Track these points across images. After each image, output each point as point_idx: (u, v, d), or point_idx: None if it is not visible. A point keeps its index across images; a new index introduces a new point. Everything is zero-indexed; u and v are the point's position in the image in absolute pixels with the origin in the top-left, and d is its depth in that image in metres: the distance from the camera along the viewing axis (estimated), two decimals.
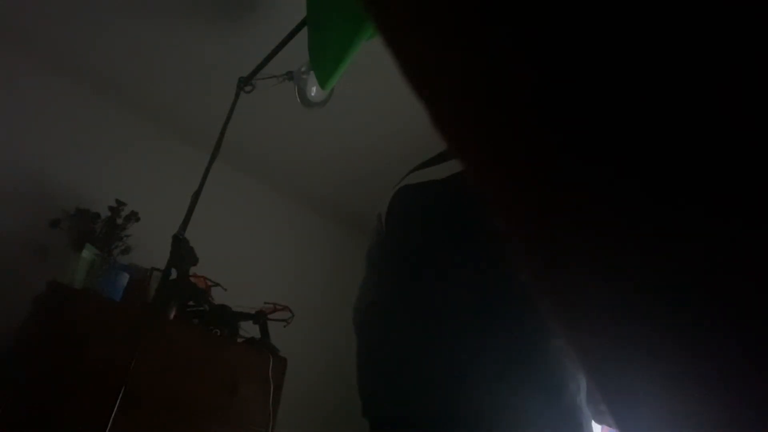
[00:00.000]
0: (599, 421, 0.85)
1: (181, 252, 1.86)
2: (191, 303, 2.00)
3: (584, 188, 0.11)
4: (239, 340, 2.05)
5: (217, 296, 2.10)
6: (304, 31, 1.55)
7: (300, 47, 1.67)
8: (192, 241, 1.96)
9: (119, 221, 2.15)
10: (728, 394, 0.11)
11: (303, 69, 2.07)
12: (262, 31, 2.17)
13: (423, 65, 0.13)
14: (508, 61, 0.11)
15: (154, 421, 1.65)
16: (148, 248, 2.20)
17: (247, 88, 2.16)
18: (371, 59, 1.52)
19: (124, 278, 1.89)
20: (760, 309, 0.10)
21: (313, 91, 2.08)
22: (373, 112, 2.49)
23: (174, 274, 1.88)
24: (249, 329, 2.10)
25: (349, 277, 2.03)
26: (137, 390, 1.61)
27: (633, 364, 0.12)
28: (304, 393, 2.35)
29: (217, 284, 2.10)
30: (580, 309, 0.13)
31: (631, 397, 0.13)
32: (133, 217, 2.20)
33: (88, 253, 1.93)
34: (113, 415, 1.52)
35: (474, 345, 0.81)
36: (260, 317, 2.10)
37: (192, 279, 2.00)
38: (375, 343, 0.94)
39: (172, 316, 1.87)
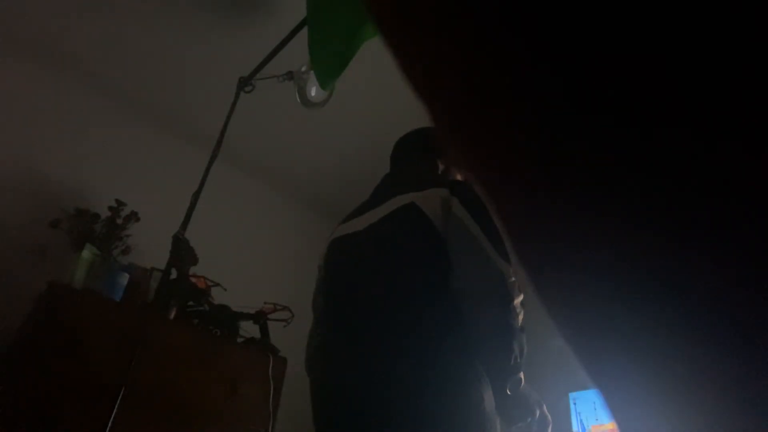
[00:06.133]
0: (507, 426, 0.97)
1: (181, 252, 1.86)
2: (191, 303, 2.00)
3: (586, 185, 0.11)
4: (239, 340, 2.05)
5: (217, 296, 2.10)
6: (305, 31, 1.55)
7: (300, 47, 1.68)
8: (192, 241, 1.96)
9: (119, 221, 2.15)
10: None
11: (303, 69, 2.07)
12: (262, 31, 2.17)
13: (423, 65, 0.13)
14: (509, 59, 0.11)
15: (154, 421, 1.65)
16: (148, 248, 2.20)
17: (247, 88, 2.16)
18: (371, 59, 1.52)
19: (124, 278, 1.88)
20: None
21: (313, 91, 2.08)
22: (374, 112, 2.50)
23: (174, 274, 1.88)
24: (249, 329, 2.10)
25: None
26: (137, 390, 1.61)
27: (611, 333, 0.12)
28: (304, 393, 2.35)
29: (217, 284, 2.10)
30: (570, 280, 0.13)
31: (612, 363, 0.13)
32: (133, 217, 2.20)
33: (88, 253, 1.93)
34: (113, 415, 1.52)
35: (407, 365, 0.93)
36: (260, 317, 2.10)
37: (192, 279, 2.00)
38: (325, 387, 1.04)
39: (172, 316, 1.87)
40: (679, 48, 0.09)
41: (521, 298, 0.95)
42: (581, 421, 2.50)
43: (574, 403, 2.56)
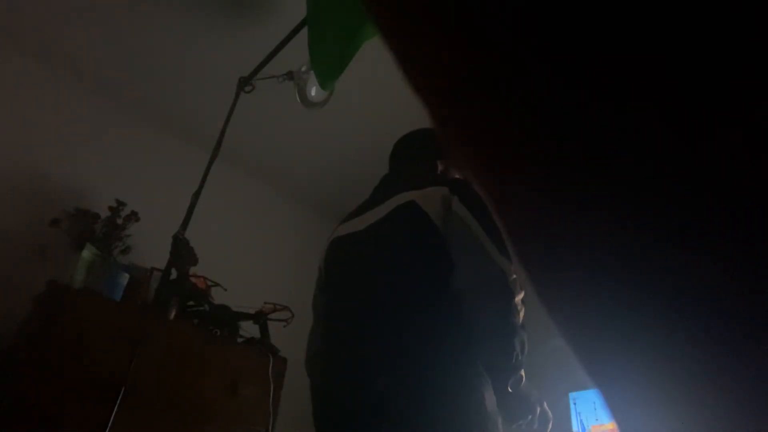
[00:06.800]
0: (509, 424, 0.97)
1: (181, 252, 1.86)
2: (191, 303, 2.00)
3: (585, 185, 0.11)
4: (239, 340, 2.05)
5: (217, 296, 2.10)
6: (305, 31, 1.55)
7: (300, 47, 1.68)
8: (192, 241, 1.95)
9: (119, 221, 2.15)
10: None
11: (303, 69, 2.07)
12: (262, 31, 2.17)
13: (423, 65, 0.13)
14: (509, 59, 0.11)
15: (154, 421, 1.65)
16: (148, 248, 2.20)
17: (247, 88, 2.16)
18: (371, 59, 1.52)
19: (124, 278, 1.88)
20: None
21: (313, 91, 2.08)
22: (374, 112, 2.50)
23: (174, 274, 1.88)
24: (249, 329, 2.10)
25: None
26: (137, 390, 1.61)
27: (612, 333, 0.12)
28: (304, 393, 2.35)
29: (217, 284, 2.10)
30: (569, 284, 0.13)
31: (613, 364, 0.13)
32: (133, 217, 2.20)
33: (88, 253, 1.92)
34: (113, 415, 1.52)
35: (410, 371, 0.93)
36: (260, 317, 2.10)
37: (192, 279, 2.00)
38: (325, 387, 1.03)
39: (172, 316, 1.87)
40: (679, 48, 0.09)
41: (522, 295, 0.95)
42: (581, 421, 2.50)
43: (574, 403, 2.56)
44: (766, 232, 0.09)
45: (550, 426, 0.99)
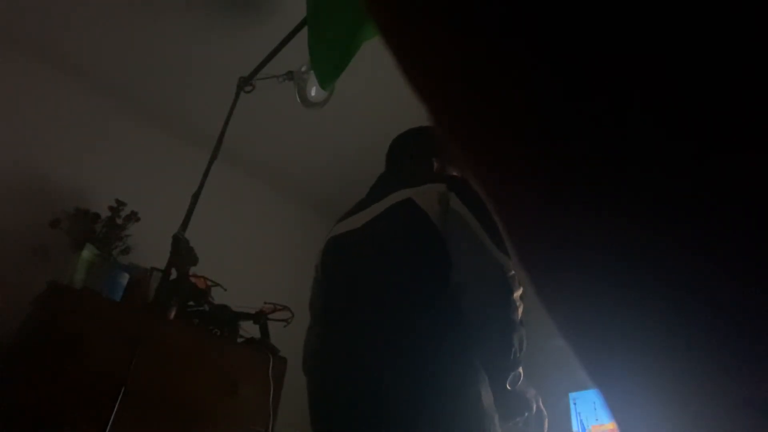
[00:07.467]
0: (505, 421, 0.97)
1: (181, 252, 1.86)
2: (191, 303, 2.00)
3: (585, 185, 0.11)
4: (239, 340, 2.05)
5: (217, 296, 2.10)
6: (305, 30, 1.55)
7: (300, 47, 1.68)
8: (192, 241, 1.95)
9: (119, 221, 2.15)
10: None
11: (303, 69, 2.07)
12: (262, 31, 2.17)
13: (423, 65, 0.13)
14: (508, 60, 0.11)
15: (154, 421, 1.65)
16: (148, 248, 2.20)
17: (247, 88, 2.17)
18: (371, 59, 1.52)
19: (124, 278, 1.88)
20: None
21: (313, 91, 2.08)
22: (373, 112, 2.50)
23: (174, 274, 1.88)
24: (249, 329, 2.10)
25: None
26: (137, 390, 1.61)
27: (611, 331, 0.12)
28: (304, 393, 2.34)
29: (217, 284, 2.10)
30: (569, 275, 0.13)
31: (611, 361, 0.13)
32: (133, 217, 2.20)
33: (88, 253, 1.92)
34: (113, 415, 1.52)
35: (407, 370, 0.93)
36: (260, 317, 2.10)
37: (192, 279, 2.00)
38: (324, 386, 1.04)
39: (172, 316, 1.87)
40: (679, 48, 0.09)
41: (521, 291, 0.95)
42: (581, 421, 2.50)
43: (574, 403, 2.56)
44: (765, 232, 0.09)
45: (546, 424, 0.99)
